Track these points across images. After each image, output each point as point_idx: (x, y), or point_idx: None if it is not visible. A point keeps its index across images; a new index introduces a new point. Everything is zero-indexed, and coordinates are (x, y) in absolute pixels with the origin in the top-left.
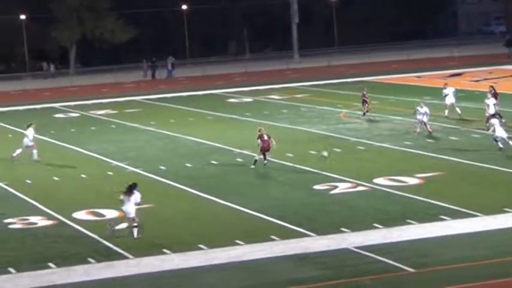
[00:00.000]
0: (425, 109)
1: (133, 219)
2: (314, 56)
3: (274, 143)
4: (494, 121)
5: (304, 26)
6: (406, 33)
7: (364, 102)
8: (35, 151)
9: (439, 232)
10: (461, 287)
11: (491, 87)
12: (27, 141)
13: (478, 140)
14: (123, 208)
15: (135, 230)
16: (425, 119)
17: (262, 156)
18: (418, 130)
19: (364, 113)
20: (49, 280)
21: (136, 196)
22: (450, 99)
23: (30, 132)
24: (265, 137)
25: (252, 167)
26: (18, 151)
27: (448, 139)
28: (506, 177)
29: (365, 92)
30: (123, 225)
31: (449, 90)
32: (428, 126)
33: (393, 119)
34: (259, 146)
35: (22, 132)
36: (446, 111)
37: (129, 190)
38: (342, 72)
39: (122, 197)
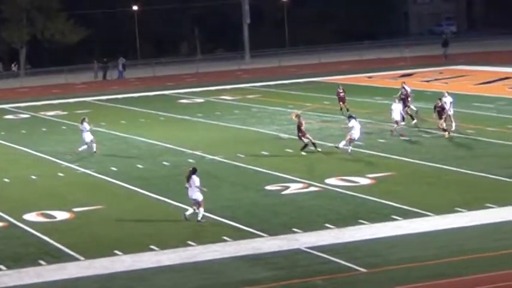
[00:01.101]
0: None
1: (198, 204)
2: (265, 56)
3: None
4: (354, 122)
5: (255, 27)
6: (358, 33)
7: (340, 99)
8: (94, 144)
9: (390, 232)
10: (412, 286)
11: (403, 87)
12: (87, 135)
13: (428, 139)
14: (189, 195)
15: (200, 214)
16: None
17: (307, 140)
18: (392, 129)
19: (347, 110)
20: (0, 282)
21: (195, 180)
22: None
23: (86, 126)
24: (303, 124)
25: (319, 149)
26: (84, 147)
27: (398, 139)
28: (457, 177)
29: (339, 90)
30: (191, 210)
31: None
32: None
33: (344, 119)
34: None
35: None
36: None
37: (189, 176)
38: (293, 72)
39: (186, 184)
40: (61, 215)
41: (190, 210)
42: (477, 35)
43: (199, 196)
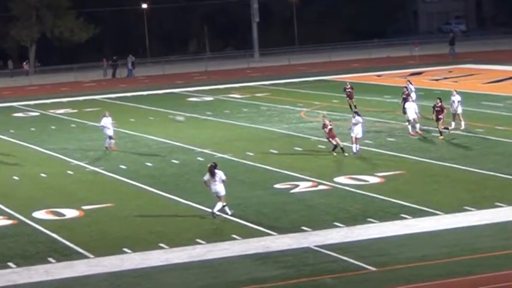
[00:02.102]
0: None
1: (220, 198)
2: (274, 55)
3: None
4: (358, 119)
5: (264, 25)
6: (367, 32)
7: (347, 96)
8: (112, 141)
9: (399, 231)
10: (421, 285)
11: (406, 86)
12: (110, 131)
13: (438, 138)
14: (213, 189)
15: (227, 208)
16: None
17: (334, 143)
18: (411, 131)
19: (355, 106)
20: (9, 280)
21: (221, 174)
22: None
23: (108, 120)
24: (329, 125)
25: (346, 154)
26: (111, 141)
27: (408, 137)
28: (466, 176)
29: (347, 86)
30: (219, 205)
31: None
32: (410, 128)
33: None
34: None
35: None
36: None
37: (212, 172)
38: (303, 71)
39: (206, 178)
40: (70, 213)
41: (219, 205)
42: (486, 33)
43: (223, 190)
